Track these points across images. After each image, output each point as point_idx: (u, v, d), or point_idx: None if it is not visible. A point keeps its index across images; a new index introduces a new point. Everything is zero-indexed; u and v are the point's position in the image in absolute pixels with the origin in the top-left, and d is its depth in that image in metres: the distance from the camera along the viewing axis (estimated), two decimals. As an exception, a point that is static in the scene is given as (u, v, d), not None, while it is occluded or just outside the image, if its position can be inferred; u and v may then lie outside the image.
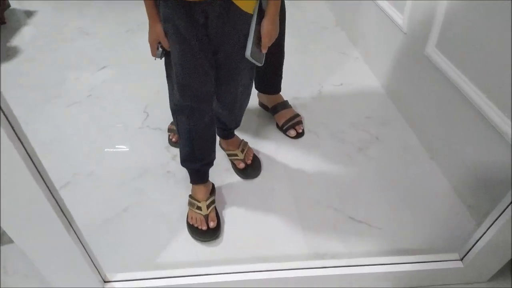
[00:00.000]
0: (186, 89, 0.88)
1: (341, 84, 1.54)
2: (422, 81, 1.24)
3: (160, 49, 0.88)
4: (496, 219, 0.76)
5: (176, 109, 0.94)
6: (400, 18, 1.34)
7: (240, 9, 0.80)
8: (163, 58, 0.90)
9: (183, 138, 0.97)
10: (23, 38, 1.82)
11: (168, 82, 0.94)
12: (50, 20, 2.00)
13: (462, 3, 1.01)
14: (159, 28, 0.84)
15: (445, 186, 1.12)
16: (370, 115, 1.38)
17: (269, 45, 0.87)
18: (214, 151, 1.04)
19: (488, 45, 0.93)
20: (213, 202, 1.02)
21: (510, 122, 0.88)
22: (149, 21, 0.86)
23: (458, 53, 1.05)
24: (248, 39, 0.84)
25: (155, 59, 0.91)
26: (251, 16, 0.83)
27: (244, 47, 0.84)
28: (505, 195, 0.74)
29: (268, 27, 0.84)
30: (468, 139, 1.04)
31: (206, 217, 0.98)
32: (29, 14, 2.04)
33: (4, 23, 1.91)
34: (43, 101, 1.44)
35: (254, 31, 0.84)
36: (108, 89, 1.51)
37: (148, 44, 0.87)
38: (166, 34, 0.83)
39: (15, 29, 1.89)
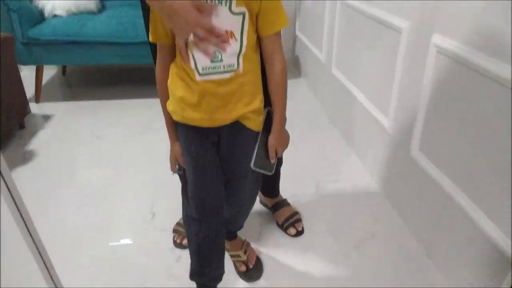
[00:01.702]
0: (198, 204, 0.96)
1: (337, 181, 1.63)
2: (411, 180, 1.32)
3: (178, 165, 0.98)
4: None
5: (187, 221, 1.01)
6: (385, 121, 1.48)
7: (249, 128, 0.91)
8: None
9: (192, 250, 1.03)
10: (39, 142, 1.96)
11: (182, 194, 1.03)
12: (66, 123, 2.16)
13: (440, 108, 1.13)
14: (177, 146, 0.96)
15: (442, 285, 1.14)
16: (366, 212, 1.44)
17: (279, 155, 0.96)
18: (223, 266, 1.07)
19: (468, 148, 1.03)
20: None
21: (494, 226, 0.94)
22: (170, 140, 0.98)
23: (440, 156, 1.15)
24: (254, 150, 0.93)
25: (173, 174, 1.02)
26: (259, 132, 0.93)
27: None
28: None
29: (273, 141, 0.93)
30: (458, 239, 1.09)
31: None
32: (46, 118, 2.21)
33: (24, 127, 2.07)
34: (54, 204, 1.52)
35: (260, 143, 0.93)
36: (117, 190, 1.60)
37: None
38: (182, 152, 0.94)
39: (33, 133, 2.04)
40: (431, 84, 1.15)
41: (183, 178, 1.00)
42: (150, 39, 0.87)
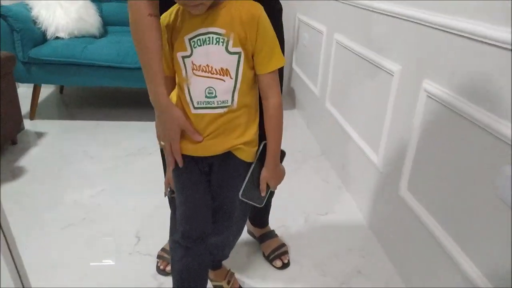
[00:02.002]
0: (185, 231, 0.96)
1: (326, 213, 1.64)
2: (399, 219, 1.33)
3: (169, 189, 0.99)
4: None
5: (173, 246, 1.01)
6: (375, 158, 1.50)
7: (241, 159, 0.92)
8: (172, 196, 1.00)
9: (175, 276, 1.02)
10: (30, 159, 1.96)
11: (171, 218, 1.03)
12: (58, 141, 2.16)
13: (429, 151, 1.16)
14: (169, 173, 0.96)
15: (426, 326, 1.13)
16: (352, 247, 1.44)
17: (273, 190, 0.97)
18: None
19: (455, 192, 1.05)
20: None
21: (478, 271, 0.95)
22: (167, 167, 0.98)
23: (428, 198, 1.16)
24: (244, 181, 0.92)
25: (165, 196, 1.02)
26: (252, 163, 0.94)
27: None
28: None
29: (266, 173, 0.94)
30: (442, 281, 1.09)
31: None
32: (39, 135, 2.22)
33: (16, 143, 2.07)
34: (40, 223, 1.50)
35: (252, 174, 0.93)
36: (104, 212, 1.58)
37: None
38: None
39: (24, 150, 2.04)
40: (421, 127, 1.18)
41: (173, 203, 1.01)
42: None
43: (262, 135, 0.93)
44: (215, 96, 0.83)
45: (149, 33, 0.79)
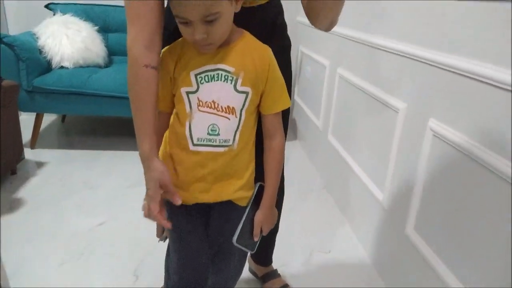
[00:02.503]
0: (181, 279, 0.92)
1: (329, 252, 1.60)
2: (404, 258, 1.30)
3: (165, 233, 0.96)
4: None
5: None
6: (380, 195, 1.48)
7: (238, 205, 0.90)
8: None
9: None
10: (29, 189, 1.93)
11: (165, 265, 0.99)
12: (59, 171, 2.14)
13: (436, 191, 1.14)
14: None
15: None
16: (357, 286, 1.40)
17: (264, 234, 0.93)
18: None
19: (463, 233, 1.02)
20: None
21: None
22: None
23: (435, 238, 1.14)
24: (238, 226, 0.89)
25: (159, 241, 0.99)
26: (248, 207, 0.91)
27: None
28: None
29: (261, 217, 0.91)
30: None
31: None
32: (40, 165, 2.20)
33: (15, 173, 2.05)
34: (37, 256, 1.46)
35: (246, 219, 0.90)
36: (103, 247, 1.54)
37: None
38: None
39: (24, 180, 2.01)
40: (427, 166, 1.16)
41: (168, 249, 0.98)
42: None
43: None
44: (218, 134, 0.82)
45: (140, 83, 0.76)
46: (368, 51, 1.61)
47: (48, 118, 2.89)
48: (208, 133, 0.82)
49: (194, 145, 0.83)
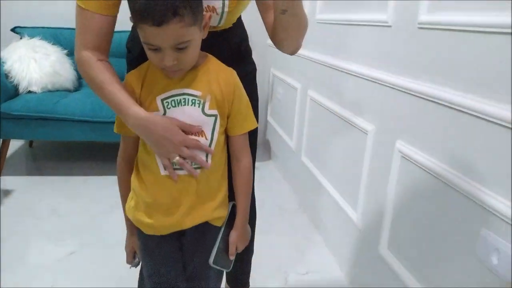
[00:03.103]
0: None
1: (306, 273, 1.60)
2: (379, 277, 1.31)
3: (136, 259, 0.94)
4: None
5: None
6: (354, 215, 1.50)
7: (212, 225, 0.90)
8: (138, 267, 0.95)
9: None
10: (-6, 219, 1.84)
11: (139, 286, 0.97)
12: (26, 199, 2.06)
13: (407, 211, 1.17)
14: (135, 240, 0.92)
15: None
16: (335, 309, 1.40)
17: (239, 251, 0.94)
18: None
19: (435, 252, 1.05)
20: None
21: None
22: (127, 232, 0.94)
23: (409, 257, 1.16)
24: (214, 247, 0.89)
25: (130, 268, 0.96)
26: (222, 227, 0.92)
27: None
28: None
29: (236, 237, 0.91)
30: None
31: None
32: (6, 193, 2.11)
33: (-22, 203, 1.96)
34: (1, 293, 1.39)
35: (221, 239, 0.90)
36: (71, 279, 1.48)
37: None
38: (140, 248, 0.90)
39: (-12, 210, 1.92)
40: (396, 186, 1.20)
41: (141, 275, 0.95)
42: (115, 130, 0.87)
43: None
44: None
45: (102, 70, 0.80)
46: (336, 75, 1.66)
47: (15, 144, 2.79)
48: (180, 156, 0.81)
49: (166, 169, 0.82)
